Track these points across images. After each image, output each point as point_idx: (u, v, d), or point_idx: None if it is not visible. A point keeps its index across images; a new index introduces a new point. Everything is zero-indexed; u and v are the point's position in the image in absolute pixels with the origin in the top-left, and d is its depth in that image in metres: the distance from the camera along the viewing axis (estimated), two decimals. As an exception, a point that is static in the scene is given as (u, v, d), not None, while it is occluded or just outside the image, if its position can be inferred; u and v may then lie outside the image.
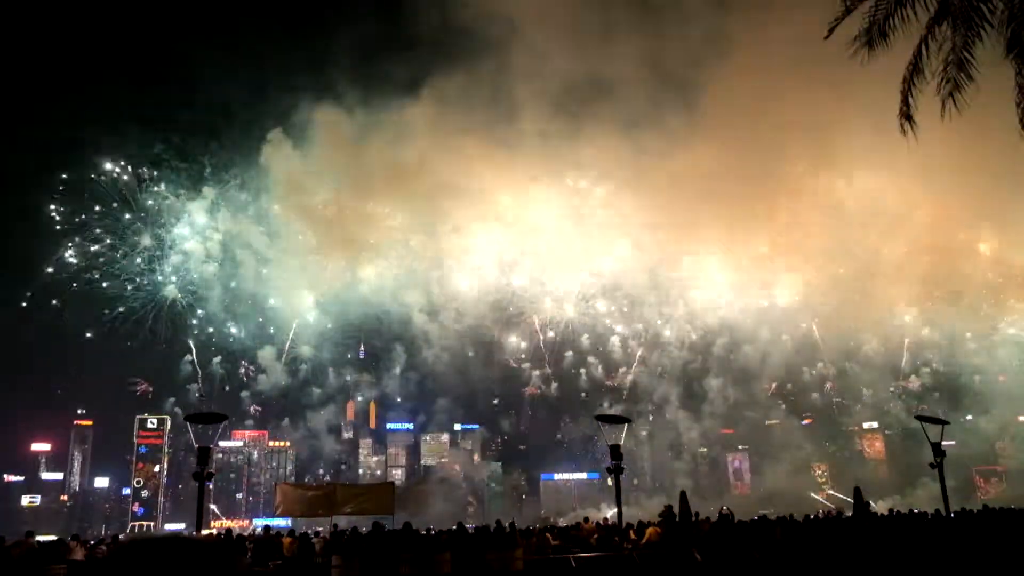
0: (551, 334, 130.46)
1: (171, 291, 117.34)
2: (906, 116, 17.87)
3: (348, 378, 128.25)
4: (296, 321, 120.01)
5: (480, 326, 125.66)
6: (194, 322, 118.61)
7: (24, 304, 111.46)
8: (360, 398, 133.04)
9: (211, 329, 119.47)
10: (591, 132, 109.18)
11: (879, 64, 17.81)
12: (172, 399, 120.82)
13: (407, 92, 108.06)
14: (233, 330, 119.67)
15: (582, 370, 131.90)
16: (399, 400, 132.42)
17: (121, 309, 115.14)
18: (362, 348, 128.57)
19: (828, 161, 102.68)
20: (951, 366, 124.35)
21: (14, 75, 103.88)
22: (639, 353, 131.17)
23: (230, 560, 2.39)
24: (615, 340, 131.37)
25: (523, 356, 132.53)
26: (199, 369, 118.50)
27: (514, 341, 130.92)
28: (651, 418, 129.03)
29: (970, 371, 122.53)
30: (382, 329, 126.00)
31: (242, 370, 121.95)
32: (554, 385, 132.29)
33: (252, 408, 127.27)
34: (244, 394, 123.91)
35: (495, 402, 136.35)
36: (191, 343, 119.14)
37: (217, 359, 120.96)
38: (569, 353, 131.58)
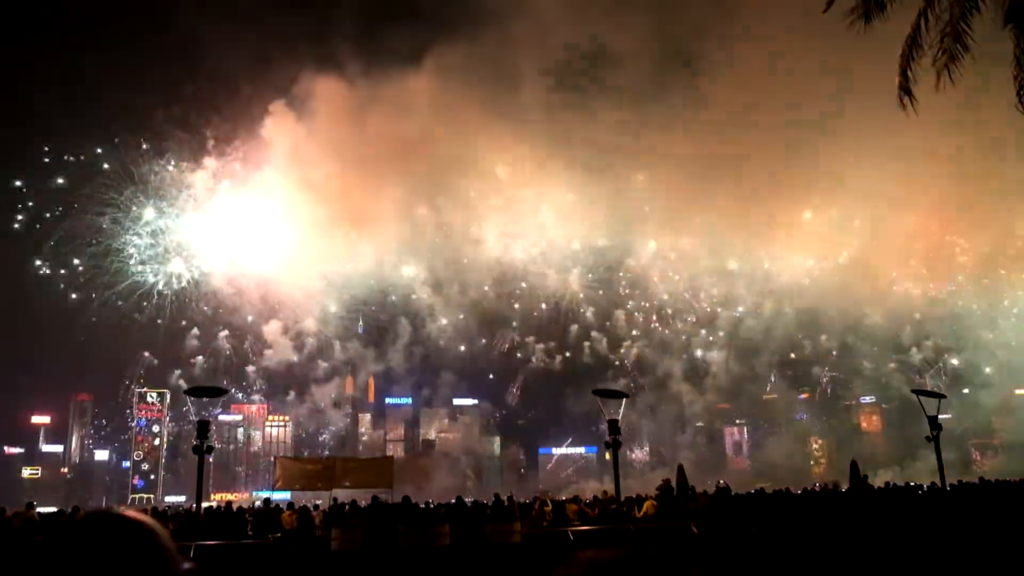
0: (556, 308, 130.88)
1: (176, 264, 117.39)
2: (904, 89, 17.87)
3: (348, 352, 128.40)
4: (299, 295, 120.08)
5: (483, 300, 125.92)
6: (194, 301, 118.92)
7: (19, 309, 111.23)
8: (360, 372, 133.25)
9: (217, 303, 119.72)
10: (595, 104, 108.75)
11: (885, 37, 17.80)
12: (177, 371, 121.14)
13: (411, 63, 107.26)
14: (238, 303, 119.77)
15: (585, 343, 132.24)
16: (399, 374, 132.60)
17: (125, 283, 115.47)
18: (361, 323, 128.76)
19: (833, 134, 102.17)
20: (952, 340, 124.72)
21: (8, 39, 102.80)
22: (643, 326, 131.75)
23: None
24: (620, 314, 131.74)
25: (526, 330, 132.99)
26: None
27: (517, 315, 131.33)
28: (652, 392, 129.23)
29: (971, 345, 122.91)
30: (385, 303, 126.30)
31: (247, 344, 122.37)
32: (557, 359, 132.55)
33: (261, 389, 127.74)
34: (250, 368, 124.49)
35: (496, 376, 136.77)
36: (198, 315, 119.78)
37: (223, 333, 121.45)
38: (574, 326, 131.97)
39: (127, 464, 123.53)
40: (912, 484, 47.55)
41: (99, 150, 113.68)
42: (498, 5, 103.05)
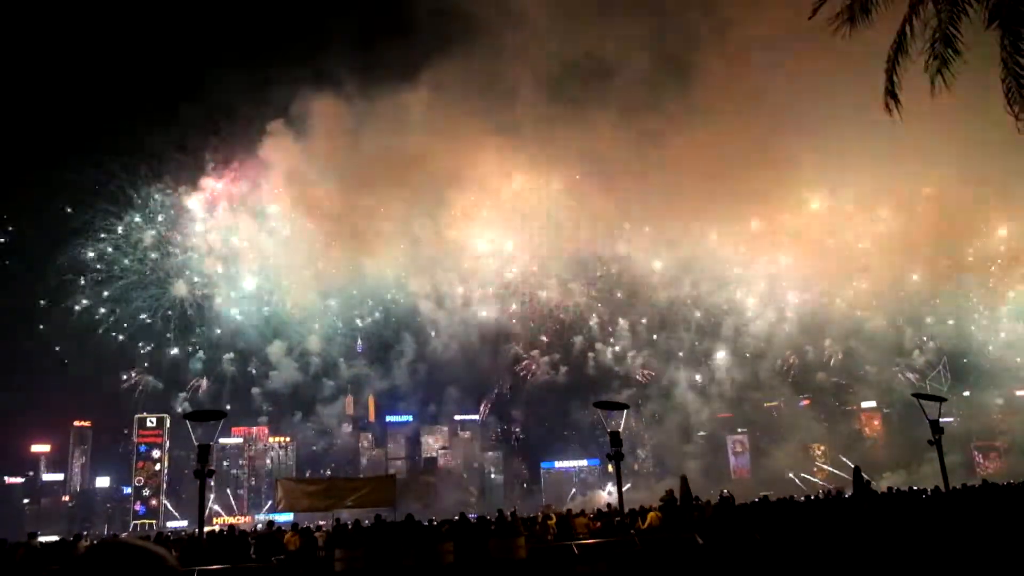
0: (559, 320, 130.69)
1: (179, 288, 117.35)
2: (890, 94, 17.96)
3: (351, 371, 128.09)
4: (300, 315, 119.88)
5: (484, 314, 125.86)
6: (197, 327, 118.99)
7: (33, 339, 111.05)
8: (360, 391, 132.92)
9: (219, 328, 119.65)
10: (591, 116, 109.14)
11: (877, 42, 17.91)
12: (182, 394, 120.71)
13: (406, 79, 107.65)
14: (241, 326, 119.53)
15: (590, 355, 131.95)
16: (400, 392, 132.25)
17: (127, 308, 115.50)
18: (360, 342, 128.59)
19: (827, 138, 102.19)
20: (954, 342, 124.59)
21: (9, 66, 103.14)
22: (646, 336, 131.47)
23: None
24: (623, 323, 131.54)
25: (528, 342, 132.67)
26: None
27: (520, 328, 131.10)
28: (656, 401, 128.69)
29: (974, 347, 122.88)
30: (385, 320, 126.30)
31: (251, 367, 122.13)
32: (562, 370, 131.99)
33: (266, 411, 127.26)
34: (255, 390, 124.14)
35: (497, 391, 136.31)
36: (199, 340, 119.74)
37: (228, 355, 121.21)
38: (578, 338, 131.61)
39: (128, 490, 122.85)
40: (915, 488, 47.43)
41: (98, 175, 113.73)
42: (492, 20, 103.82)
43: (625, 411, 38.91)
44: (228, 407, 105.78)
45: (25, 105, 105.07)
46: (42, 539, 37.02)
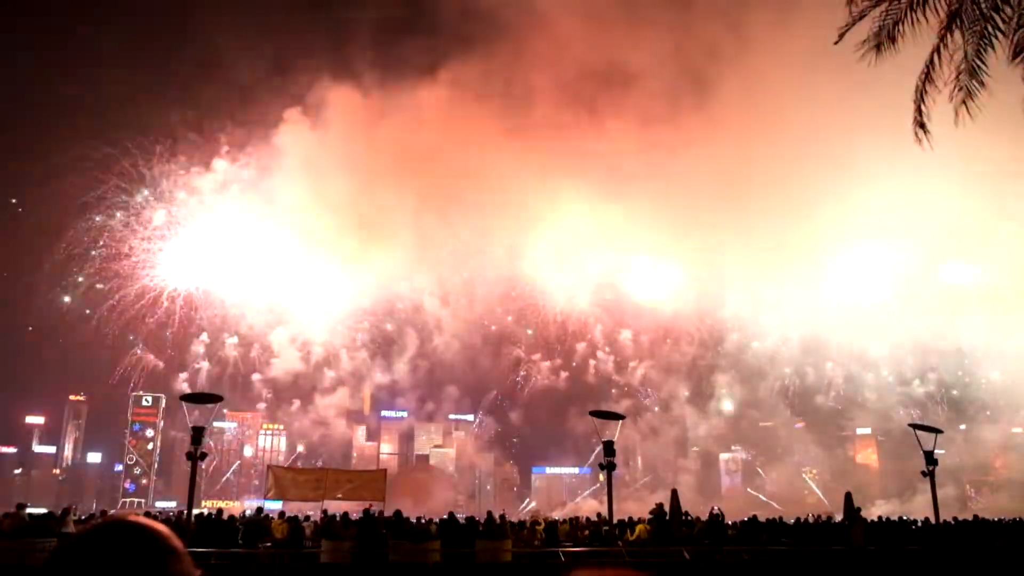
0: (563, 326, 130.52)
1: (185, 269, 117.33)
2: (919, 124, 17.89)
3: (351, 364, 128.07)
4: (307, 304, 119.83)
5: (488, 315, 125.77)
6: (198, 309, 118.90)
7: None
8: (358, 384, 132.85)
9: (224, 310, 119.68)
10: (607, 123, 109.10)
11: (898, 67, 17.84)
12: (182, 375, 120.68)
13: (426, 75, 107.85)
14: (245, 311, 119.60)
15: (591, 361, 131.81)
16: (397, 387, 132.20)
17: (133, 286, 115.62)
18: (360, 334, 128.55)
19: (844, 162, 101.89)
20: (955, 377, 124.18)
21: (28, 40, 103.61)
22: (648, 347, 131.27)
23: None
24: (627, 333, 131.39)
25: (532, 347, 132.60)
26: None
27: (523, 331, 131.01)
28: (654, 415, 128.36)
29: (974, 383, 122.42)
30: (386, 315, 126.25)
31: (253, 353, 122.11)
32: (562, 375, 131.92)
33: (265, 398, 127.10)
34: (256, 376, 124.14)
35: (494, 393, 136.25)
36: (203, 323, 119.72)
37: (231, 339, 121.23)
38: (582, 345, 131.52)
39: (119, 467, 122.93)
40: (905, 519, 47.18)
41: (110, 149, 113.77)
42: (514, 21, 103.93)
43: (620, 422, 38.89)
44: (227, 392, 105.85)
45: (43, 78, 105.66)
46: (30, 510, 37.00)
